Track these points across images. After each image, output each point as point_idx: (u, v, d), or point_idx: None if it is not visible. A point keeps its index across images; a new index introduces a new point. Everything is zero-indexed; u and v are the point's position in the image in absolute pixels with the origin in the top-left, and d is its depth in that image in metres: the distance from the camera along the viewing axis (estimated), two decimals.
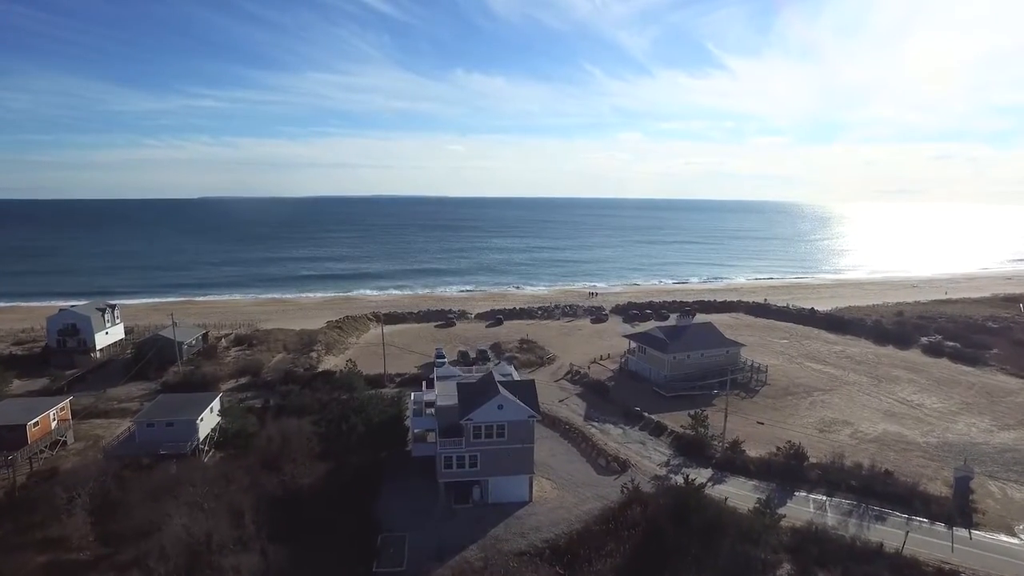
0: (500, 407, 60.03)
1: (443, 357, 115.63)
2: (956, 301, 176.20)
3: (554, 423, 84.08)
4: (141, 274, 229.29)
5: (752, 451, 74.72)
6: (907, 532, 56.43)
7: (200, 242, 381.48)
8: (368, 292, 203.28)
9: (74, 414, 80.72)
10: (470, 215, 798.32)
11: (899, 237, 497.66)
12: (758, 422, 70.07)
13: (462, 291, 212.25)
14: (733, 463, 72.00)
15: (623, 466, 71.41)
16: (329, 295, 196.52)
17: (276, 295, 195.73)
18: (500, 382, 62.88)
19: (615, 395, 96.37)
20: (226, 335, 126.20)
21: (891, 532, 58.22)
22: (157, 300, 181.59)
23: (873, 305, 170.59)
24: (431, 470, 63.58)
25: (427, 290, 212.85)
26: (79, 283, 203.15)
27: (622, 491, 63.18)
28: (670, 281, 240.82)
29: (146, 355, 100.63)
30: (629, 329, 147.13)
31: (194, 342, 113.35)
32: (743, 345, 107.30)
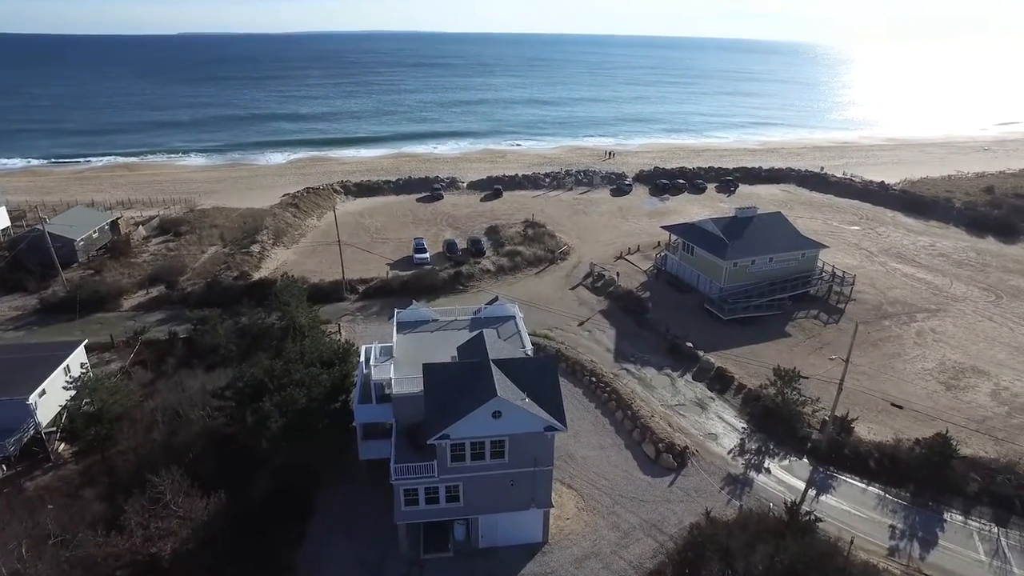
0: (497, 415, 35.17)
1: (423, 251, 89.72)
2: None
3: (575, 371, 60.03)
4: (74, 133, 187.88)
5: (863, 429, 51.39)
6: None
7: (160, 86, 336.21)
8: (341, 152, 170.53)
9: None
10: (460, 52, 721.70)
11: (942, 85, 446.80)
12: (893, 404, 46.28)
13: (453, 149, 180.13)
14: (841, 452, 48.90)
15: (681, 458, 48.33)
16: (294, 156, 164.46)
17: (232, 156, 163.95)
18: (496, 362, 37.34)
19: (655, 315, 71.60)
20: (147, 220, 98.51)
21: None
22: (86, 167, 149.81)
23: (949, 176, 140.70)
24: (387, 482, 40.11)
25: (411, 147, 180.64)
26: None
27: (690, 531, 40.32)
28: (697, 137, 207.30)
29: (12, 257, 74.19)
30: (659, 204, 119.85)
31: (96, 235, 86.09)
32: (824, 247, 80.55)
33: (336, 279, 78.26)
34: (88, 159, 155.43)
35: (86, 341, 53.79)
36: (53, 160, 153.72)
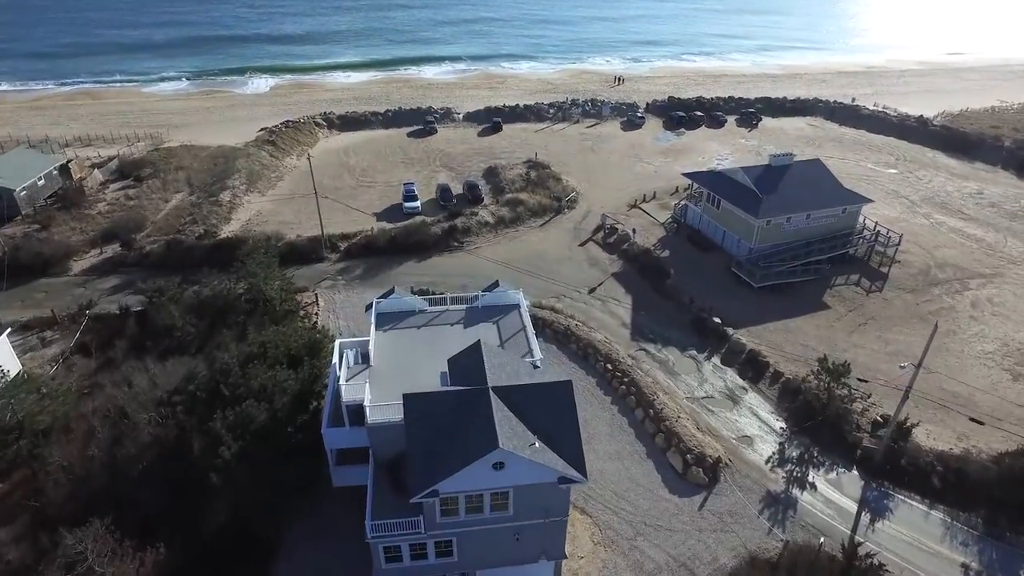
0: (499, 466, 27.52)
1: (414, 199, 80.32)
2: None
3: (587, 354, 52.23)
4: (31, 56, 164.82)
5: (920, 432, 44.17)
6: None
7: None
8: (326, 77, 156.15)
9: None
10: None
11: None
12: (972, 419, 38.72)
13: (448, 73, 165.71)
14: (897, 462, 41.89)
15: (712, 470, 41.33)
16: (275, 81, 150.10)
17: (208, 82, 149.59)
18: (497, 390, 29.31)
19: (676, 280, 63.22)
20: (105, 162, 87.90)
21: None
22: (43, 93, 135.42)
23: (992, 108, 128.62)
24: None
25: (403, 71, 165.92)
26: None
27: None
28: (711, 60, 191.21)
29: None
30: (674, 140, 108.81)
31: (42, 181, 76.06)
32: (869, 200, 71.07)
33: (315, 234, 69.24)
34: (46, 84, 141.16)
35: (8, 331, 45.50)
36: (5, 86, 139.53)
